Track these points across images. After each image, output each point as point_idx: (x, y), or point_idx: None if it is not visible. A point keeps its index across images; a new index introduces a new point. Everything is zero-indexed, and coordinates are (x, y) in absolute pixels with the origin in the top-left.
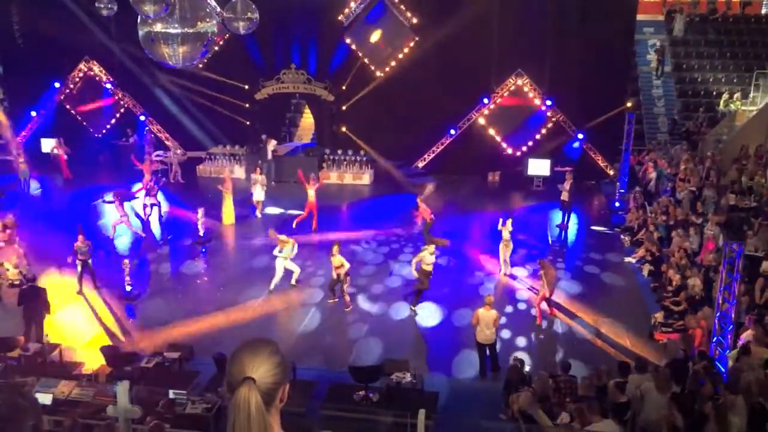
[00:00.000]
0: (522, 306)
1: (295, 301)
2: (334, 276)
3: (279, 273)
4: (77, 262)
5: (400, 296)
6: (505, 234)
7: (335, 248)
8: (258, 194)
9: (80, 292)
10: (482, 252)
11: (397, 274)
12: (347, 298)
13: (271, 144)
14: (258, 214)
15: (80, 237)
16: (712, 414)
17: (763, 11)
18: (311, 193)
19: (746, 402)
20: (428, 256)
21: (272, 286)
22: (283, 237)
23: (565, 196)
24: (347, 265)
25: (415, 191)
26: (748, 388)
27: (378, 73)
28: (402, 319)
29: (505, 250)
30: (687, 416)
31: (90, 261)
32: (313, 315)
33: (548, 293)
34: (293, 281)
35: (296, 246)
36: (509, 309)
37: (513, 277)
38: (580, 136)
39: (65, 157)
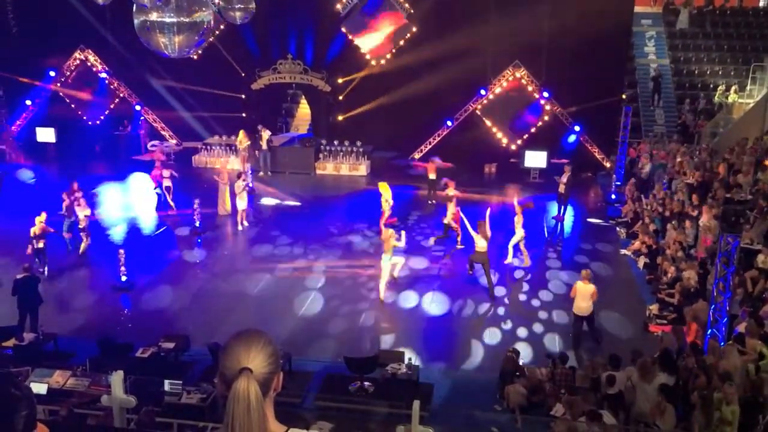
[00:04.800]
0: (522, 297)
1: (291, 292)
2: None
3: (385, 273)
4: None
5: (396, 286)
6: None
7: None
8: (241, 203)
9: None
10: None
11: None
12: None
13: (266, 134)
14: (242, 224)
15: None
16: (699, 403)
17: (761, 4)
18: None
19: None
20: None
21: (382, 293)
22: (390, 232)
23: (562, 189)
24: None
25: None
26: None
27: (374, 63)
28: (398, 309)
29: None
30: (676, 406)
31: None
32: (308, 306)
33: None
34: (395, 273)
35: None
36: (508, 300)
37: (509, 265)
38: (577, 128)
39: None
